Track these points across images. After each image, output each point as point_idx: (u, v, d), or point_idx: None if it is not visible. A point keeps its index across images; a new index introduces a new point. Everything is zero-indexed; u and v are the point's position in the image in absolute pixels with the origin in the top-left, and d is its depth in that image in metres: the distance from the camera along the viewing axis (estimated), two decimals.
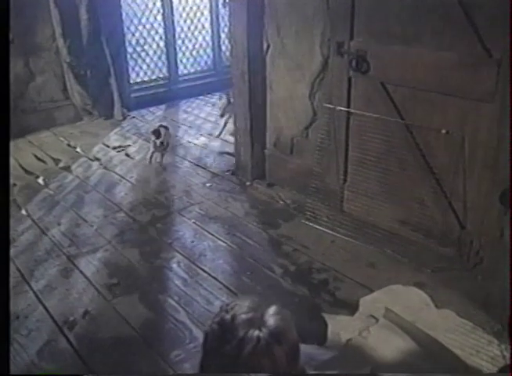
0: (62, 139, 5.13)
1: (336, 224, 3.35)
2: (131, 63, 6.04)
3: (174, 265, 3.07)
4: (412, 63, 2.86)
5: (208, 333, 1.09)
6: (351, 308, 2.64)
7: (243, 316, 1.04)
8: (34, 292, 2.85)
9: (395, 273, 2.90)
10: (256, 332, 1.02)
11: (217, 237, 3.35)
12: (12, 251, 3.19)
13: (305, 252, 3.16)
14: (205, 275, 2.97)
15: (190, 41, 6.53)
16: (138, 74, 6.16)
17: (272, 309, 1.09)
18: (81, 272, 3.02)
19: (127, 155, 4.76)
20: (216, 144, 4.95)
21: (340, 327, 2.52)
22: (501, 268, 2.57)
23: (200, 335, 2.48)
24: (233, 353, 1.01)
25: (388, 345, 2.39)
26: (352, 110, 3.23)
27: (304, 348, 2.30)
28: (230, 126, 4.66)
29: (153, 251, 3.22)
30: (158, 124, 4.78)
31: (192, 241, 3.32)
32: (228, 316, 1.04)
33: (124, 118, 5.68)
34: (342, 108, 3.25)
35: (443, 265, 2.92)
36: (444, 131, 2.82)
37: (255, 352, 0.99)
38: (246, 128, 3.94)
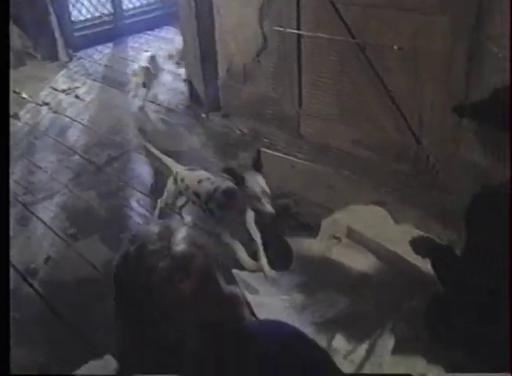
0: None
1: (294, 149, 3.33)
2: None
3: (134, 204, 3.04)
4: None
5: (116, 266, 1.04)
6: (314, 230, 2.66)
7: (149, 247, 0.99)
8: None
9: (355, 193, 2.92)
10: (161, 263, 0.97)
11: None
12: None
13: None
14: None
15: None
16: (80, 12, 5.85)
17: (179, 234, 1.04)
18: (39, 218, 2.96)
19: (76, 97, 4.58)
20: (168, 79, 4.81)
21: (304, 249, 2.55)
22: (456, 180, 2.62)
23: None
24: (138, 286, 0.97)
25: (352, 263, 2.45)
26: (303, 32, 3.14)
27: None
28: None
29: (111, 191, 3.17)
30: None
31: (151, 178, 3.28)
32: (132, 248, 0.99)
33: (71, 59, 5.43)
34: (292, 31, 3.16)
35: (400, 182, 2.96)
36: (396, 47, 2.78)
37: (159, 283, 0.95)
38: (196, 58, 3.82)
